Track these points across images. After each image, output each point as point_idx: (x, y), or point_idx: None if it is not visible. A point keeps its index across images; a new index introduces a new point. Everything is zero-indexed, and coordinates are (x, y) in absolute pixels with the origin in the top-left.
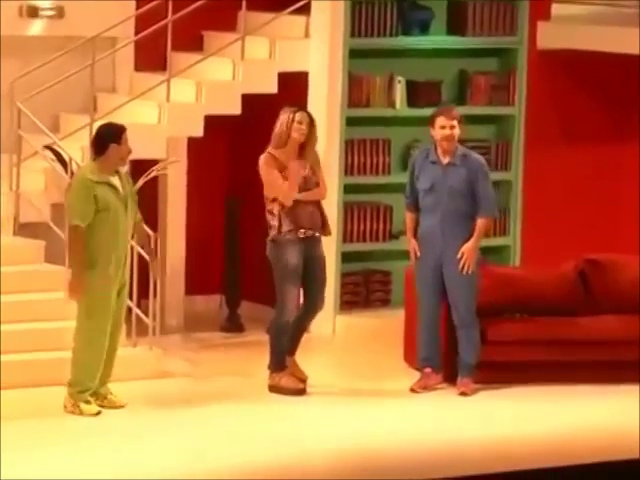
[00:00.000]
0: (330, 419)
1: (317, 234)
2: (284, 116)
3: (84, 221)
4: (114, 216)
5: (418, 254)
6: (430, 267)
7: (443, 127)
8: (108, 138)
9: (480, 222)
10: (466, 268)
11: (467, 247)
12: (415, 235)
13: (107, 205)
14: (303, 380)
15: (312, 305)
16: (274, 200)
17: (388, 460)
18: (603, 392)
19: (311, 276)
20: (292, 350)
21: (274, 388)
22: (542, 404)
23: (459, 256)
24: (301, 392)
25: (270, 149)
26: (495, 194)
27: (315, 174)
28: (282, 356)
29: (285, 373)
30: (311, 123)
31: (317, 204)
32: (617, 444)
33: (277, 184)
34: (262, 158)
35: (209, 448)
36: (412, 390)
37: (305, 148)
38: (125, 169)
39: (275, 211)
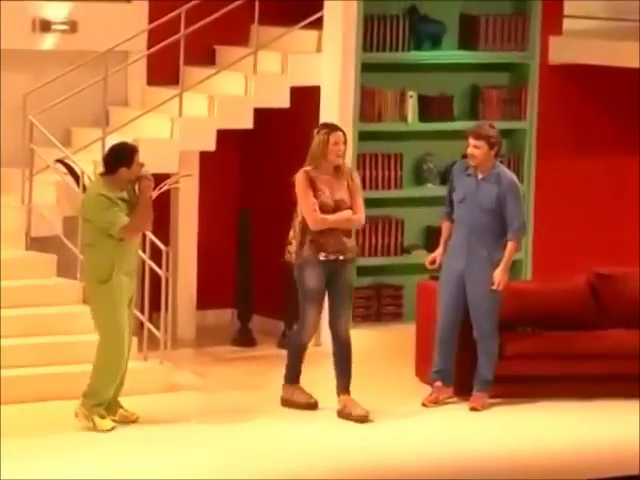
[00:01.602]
0: (341, 433)
1: (341, 257)
2: (319, 137)
3: (123, 221)
4: None
5: (437, 262)
6: (453, 279)
7: (468, 145)
8: (119, 161)
9: (509, 245)
10: (500, 289)
11: (498, 274)
12: (446, 245)
13: None
14: (362, 412)
15: (332, 331)
16: (301, 221)
17: (399, 474)
18: (615, 406)
19: (332, 300)
20: (344, 387)
21: (286, 402)
22: (553, 419)
23: (495, 286)
24: (313, 407)
25: (306, 167)
26: (524, 215)
27: (352, 197)
28: (296, 372)
29: (298, 387)
30: (344, 142)
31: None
32: (622, 459)
33: (309, 206)
34: (298, 176)
35: (219, 462)
36: (424, 405)
37: (341, 168)
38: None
39: (296, 232)
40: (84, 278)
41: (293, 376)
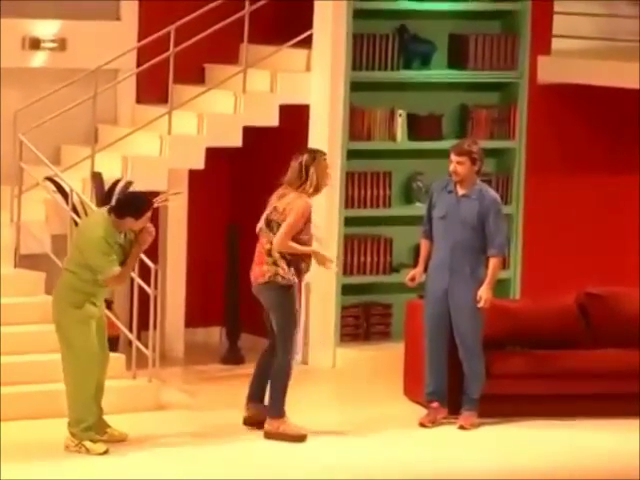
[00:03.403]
0: (330, 452)
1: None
2: (321, 162)
3: (115, 271)
4: None
5: (416, 280)
6: (439, 298)
7: (451, 162)
8: (128, 211)
9: (492, 262)
10: (486, 306)
11: (483, 291)
12: (426, 264)
13: None
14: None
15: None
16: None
17: None
18: (603, 425)
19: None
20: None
21: (273, 435)
22: (542, 438)
23: (479, 303)
24: (302, 439)
25: (309, 195)
26: (506, 232)
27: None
28: (284, 403)
29: (285, 419)
30: None
31: None
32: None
33: (290, 235)
34: (305, 204)
35: None
36: (422, 425)
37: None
38: None
39: (278, 256)
40: (56, 298)
41: (282, 408)
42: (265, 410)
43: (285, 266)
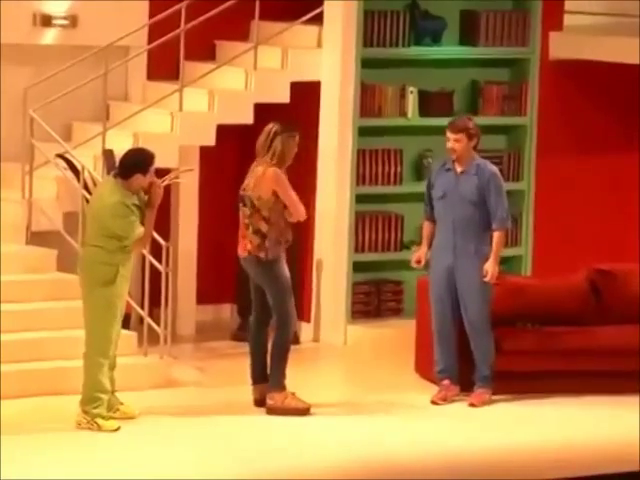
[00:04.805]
0: (340, 430)
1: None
2: (291, 139)
3: (139, 233)
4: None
5: (422, 261)
6: (443, 276)
7: (447, 139)
8: (134, 168)
9: (495, 236)
10: (492, 280)
11: (489, 265)
12: (430, 244)
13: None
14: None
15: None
16: (269, 217)
17: (400, 469)
18: (615, 402)
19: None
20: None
21: (277, 410)
22: (552, 414)
23: (485, 277)
24: (307, 412)
25: (276, 167)
26: (508, 205)
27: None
28: (284, 375)
29: (288, 392)
30: None
31: None
32: (622, 455)
33: (296, 199)
34: (276, 172)
35: (218, 458)
36: (433, 402)
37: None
38: None
39: (265, 230)
40: (84, 279)
41: (282, 381)
42: None
43: (259, 240)
